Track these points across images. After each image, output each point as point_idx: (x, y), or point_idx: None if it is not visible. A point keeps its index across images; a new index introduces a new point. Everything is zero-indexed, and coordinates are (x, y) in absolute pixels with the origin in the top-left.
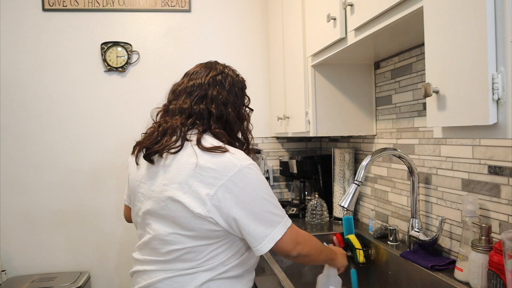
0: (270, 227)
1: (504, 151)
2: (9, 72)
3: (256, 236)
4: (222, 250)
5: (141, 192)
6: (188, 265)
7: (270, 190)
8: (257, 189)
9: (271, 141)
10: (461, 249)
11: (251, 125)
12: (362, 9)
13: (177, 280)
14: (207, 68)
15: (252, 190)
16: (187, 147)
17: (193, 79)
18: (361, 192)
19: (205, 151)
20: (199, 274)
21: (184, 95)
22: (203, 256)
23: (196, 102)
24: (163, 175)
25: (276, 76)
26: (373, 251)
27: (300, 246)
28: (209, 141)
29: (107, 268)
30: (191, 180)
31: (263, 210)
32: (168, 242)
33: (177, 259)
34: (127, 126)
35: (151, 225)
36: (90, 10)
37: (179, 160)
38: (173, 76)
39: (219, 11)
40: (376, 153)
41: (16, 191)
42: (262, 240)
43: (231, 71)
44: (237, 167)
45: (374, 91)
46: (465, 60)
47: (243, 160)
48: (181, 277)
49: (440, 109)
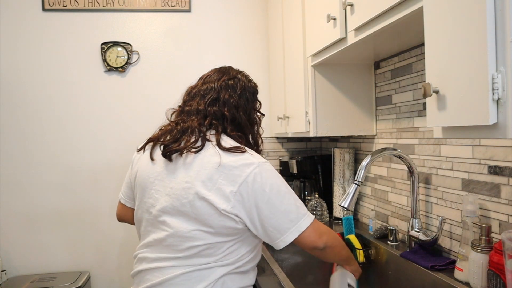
0: (295, 218)
1: (504, 151)
2: (9, 72)
3: (279, 227)
4: (238, 246)
5: (155, 189)
6: (206, 260)
7: (287, 185)
8: (277, 182)
9: (271, 141)
10: (461, 249)
11: (261, 129)
12: (362, 9)
13: (194, 275)
14: (220, 72)
15: (272, 183)
16: (208, 147)
17: (207, 82)
18: (361, 192)
19: (226, 151)
20: (216, 269)
21: (198, 97)
22: (221, 252)
23: (209, 104)
24: (185, 173)
25: (276, 76)
26: (373, 251)
27: (326, 236)
28: (228, 142)
29: (107, 268)
30: (215, 178)
31: (284, 202)
32: (189, 238)
33: (196, 255)
34: (127, 126)
35: (167, 222)
36: (90, 10)
37: (201, 159)
38: (173, 76)
39: (219, 11)
40: (376, 153)
41: (16, 191)
42: (285, 231)
43: (243, 76)
44: (255, 164)
45: (374, 91)
46: (465, 60)
47: (260, 159)
48: (198, 272)
49: (440, 109)
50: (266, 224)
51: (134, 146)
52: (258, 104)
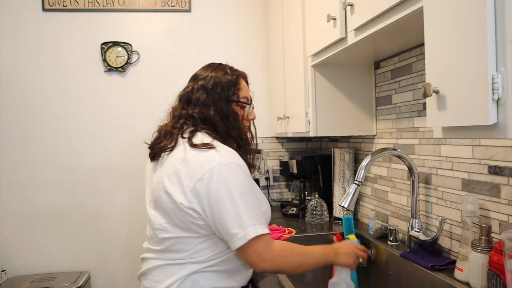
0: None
1: (504, 151)
2: (9, 72)
3: (228, 231)
4: (212, 244)
5: (147, 186)
6: (178, 256)
7: (248, 193)
8: (234, 184)
9: (271, 141)
10: (461, 249)
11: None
12: (362, 9)
13: (167, 269)
14: (202, 70)
15: (228, 184)
16: (179, 144)
17: (186, 87)
18: (361, 192)
19: (193, 147)
20: (188, 265)
21: (179, 101)
22: (191, 247)
23: (183, 108)
24: (159, 169)
25: (276, 76)
26: (373, 251)
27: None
28: (200, 138)
29: (107, 268)
30: (178, 172)
31: (236, 206)
32: (162, 231)
33: (169, 249)
34: (127, 126)
35: (149, 215)
36: (90, 10)
37: (171, 156)
38: (173, 76)
39: (219, 11)
40: (376, 153)
41: (16, 191)
42: (233, 236)
43: (219, 71)
44: (216, 162)
45: (374, 91)
46: (465, 60)
47: (226, 158)
48: (170, 266)
49: (440, 109)
50: (217, 224)
51: (134, 146)
52: (234, 94)
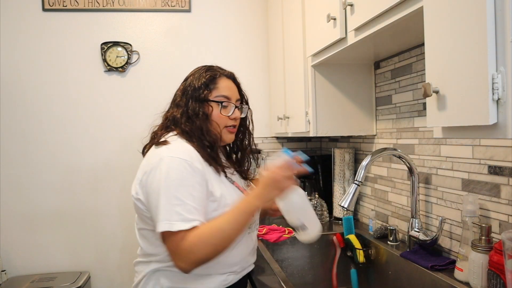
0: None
1: (504, 151)
2: (9, 72)
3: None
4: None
5: None
6: (144, 252)
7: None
8: (161, 180)
9: (271, 141)
10: (461, 249)
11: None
12: (362, 9)
13: (138, 266)
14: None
15: (157, 180)
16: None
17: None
18: (361, 192)
19: (155, 145)
20: (152, 263)
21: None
22: (152, 242)
23: (169, 109)
24: None
25: (276, 76)
26: (373, 251)
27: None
28: (167, 137)
29: (107, 268)
30: (140, 167)
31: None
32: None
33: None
34: (127, 126)
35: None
36: (90, 10)
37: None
38: (173, 76)
39: (219, 11)
40: (376, 153)
41: (16, 191)
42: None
43: (196, 71)
44: (160, 156)
45: (374, 91)
46: (465, 60)
47: (171, 152)
48: (141, 264)
49: (440, 109)
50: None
51: (134, 146)
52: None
